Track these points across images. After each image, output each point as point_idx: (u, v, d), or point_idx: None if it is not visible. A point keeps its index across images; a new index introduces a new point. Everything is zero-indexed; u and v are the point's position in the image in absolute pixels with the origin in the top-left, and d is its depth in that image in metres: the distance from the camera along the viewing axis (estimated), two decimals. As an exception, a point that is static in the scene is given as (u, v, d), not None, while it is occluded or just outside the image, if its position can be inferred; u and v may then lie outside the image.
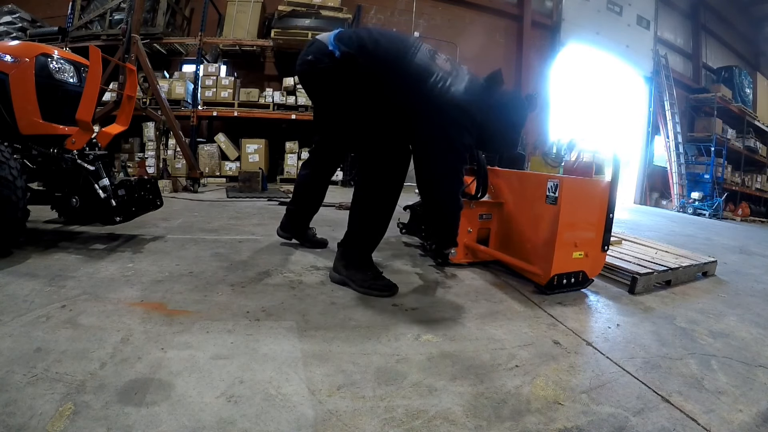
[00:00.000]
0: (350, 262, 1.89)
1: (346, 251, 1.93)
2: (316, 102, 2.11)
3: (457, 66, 1.90)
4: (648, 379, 1.28)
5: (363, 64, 1.75)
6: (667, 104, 10.43)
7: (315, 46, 1.85)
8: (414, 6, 8.36)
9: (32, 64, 2.08)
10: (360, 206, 1.92)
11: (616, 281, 2.32)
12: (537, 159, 7.53)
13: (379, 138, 1.87)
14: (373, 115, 1.85)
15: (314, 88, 1.98)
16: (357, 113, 1.86)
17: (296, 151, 6.99)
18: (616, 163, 2.07)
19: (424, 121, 1.79)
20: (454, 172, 1.87)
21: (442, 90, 1.76)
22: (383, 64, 1.77)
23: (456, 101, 1.77)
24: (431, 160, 1.84)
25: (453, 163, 1.86)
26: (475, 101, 1.82)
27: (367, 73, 1.77)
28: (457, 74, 1.85)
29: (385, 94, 1.81)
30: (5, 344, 1.18)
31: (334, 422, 0.97)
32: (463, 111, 1.78)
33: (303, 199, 2.47)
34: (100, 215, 2.24)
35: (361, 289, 1.82)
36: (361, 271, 1.87)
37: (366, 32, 1.86)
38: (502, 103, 1.90)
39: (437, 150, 1.82)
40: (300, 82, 2.06)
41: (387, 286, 1.84)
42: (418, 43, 1.85)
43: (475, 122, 1.82)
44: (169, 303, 1.57)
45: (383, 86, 1.79)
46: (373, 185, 1.87)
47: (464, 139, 1.82)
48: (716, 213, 9.11)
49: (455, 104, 1.76)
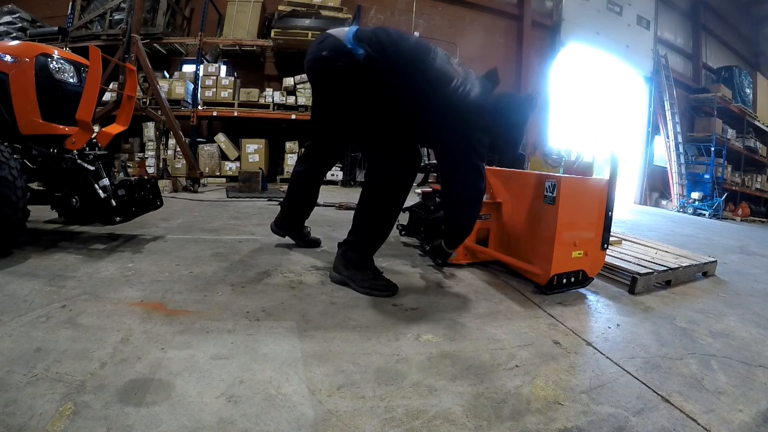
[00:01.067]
0: (351, 262, 1.90)
1: (347, 252, 1.92)
2: (324, 99, 2.08)
3: (466, 69, 1.92)
4: (648, 379, 1.28)
5: (382, 68, 1.74)
6: (667, 104, 10.42)
7: (329, 43, 1.81)
8: (414, 6, 8.36)
9: (32, 64, 2.08)
10: (366, 208, 1.92)
11: (616, 281, 2.32)
12: (537, 159, 7.54)
13: (388, 141, 1.88)
14: (385, 118, 1.86)
15: (326, 86, 1.94)
16: (368, 115, 1.86)
17: (296, 151, 6.99)
18: (614, 162, 2.07)
19: (446, 125, 1.80)
20: (477, 172, 1.88)
21: (462, 95, 1.77)
22: (403, 67, 1.76)
23: (474, 105, 1.80)
24: (455, 161, 1.86)
25: (476, 163, 1.87)
26: (488, 104, 1.85)
27: (385, 77, 1.76)
28: (470, 78, 1.86)
29: (403, 97, 1.80)
30: (5, 344, 1.18)
31: (334, 422, 0.97)
32: (481, 114, 1.81)
33: (300, 196, 2.43)
34: (100, 215, 2.25)
35: (362, 289, 1.83)
36: (362, 272, 1.88)
37: (384, 33, 1.82)
38: (506, 104, 1.91)
39: (460, 152, 1.84)
40: (309, 78, 2.01)
41: (387, 286, 1.85)
42: (434, 47, 1.85)
43: (488, 124, 1.85)
44: (169, 303, 1.57)
45: (401, 89, 1.79)
46: (381, 188, 1.87)
47: (484, 140, 1.86)
48: (716, 213, 9.10)
49: (474, 108, 1.79)
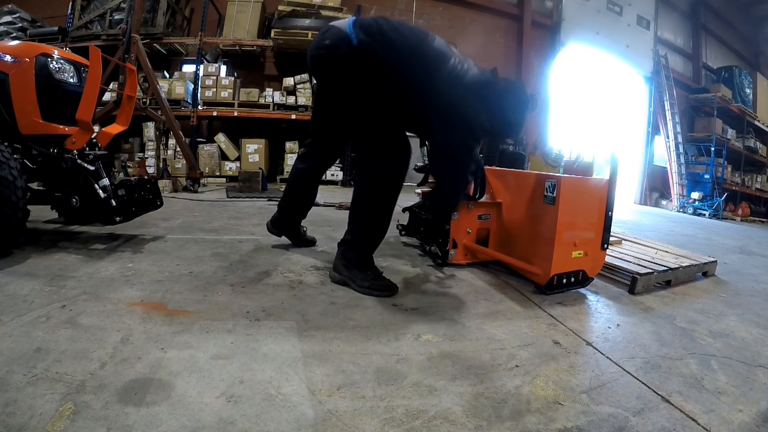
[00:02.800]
0: (350, 262, 1.90)
1: (346, 251, 1.93)
2: (325, 89, 2.13)
3: (464, 57, 1.97)
4: (648, 379, 1.28)
5: (382, 52, 1.78)
6: (667, 104, 10.42)
7: (331, 32, 1.86)
8: (414, 6, 8.36)
9: (32, 64, 2.08)
10: (360, 206, 1.93)
11: (616, 281, 2.32)
12: (537, 159, 7.54)
13: (384, 138, 1.90)
14: (381, 110, 1.89)
15: (327, 74, 1.97)
16: (365, 105, 1.88)
17: (296, 151, 7.00)
18: (614, 162, 2.07)
19: (445, 108, 1.83)
20: (467, 151, 1.96)
21: (461, 72, 1.83)
22: (405, 49, 1.81)
23: (474, 83, 1.85)
24: (449, 135, 1.89)
25: (470, 143, 1.95)
26: (487, 82, 1.89)
27: (385, 61, 1.79)
28: (468, 61, 1.93)
29: (403, 83, 1.84)
30: (5, 344, 1.18)
31: (334, 422, 0.97)
32: (479, 94, 1.85)
33: (298, 195, 2.41)
34: (100, 215, 2.24)
35: (362, 289, 1.83)
36: (362, 271, 1.88)
37: (384, 20, 1.88)
38: (506, 84, 1.95)
39: (455, 128, 1.86)
40: (312, 69, 2.03)
41: (387, 286, 1.85)
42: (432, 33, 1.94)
43: (488, 104, 1.87)
44: (169, 303, 1.57)
45: (402, 72, 1.82)
46: (374, 184, 1.88)
47: (480, 119, 1.88)
48: (716, 213, 9.10)
49: (473, 86, 1.84)
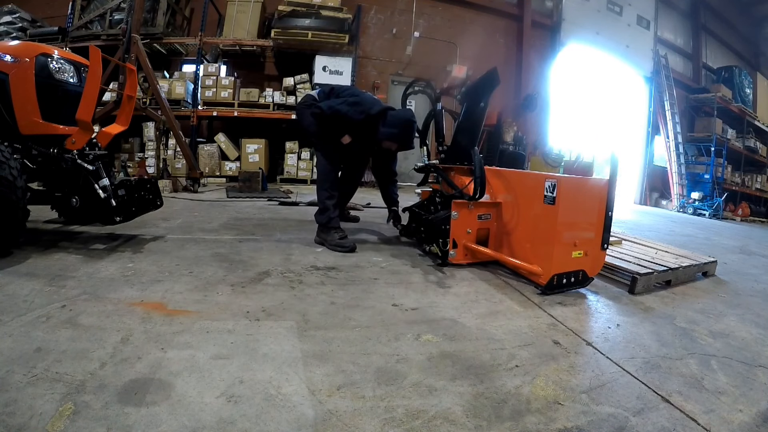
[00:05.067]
0: (322, 227, 2.69)
1: (317, 217, 2.73)
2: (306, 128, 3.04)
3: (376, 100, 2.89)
4: (648, 379, 1.28)
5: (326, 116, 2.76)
6: (667, 104, 10.42)
7: (307, 97, 2.92)
8: (414, 6, 8.35)
9: (32, 64, 2.08)
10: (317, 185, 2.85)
11: (616, 281, 2.32)
12: (537, 159, 7.54)
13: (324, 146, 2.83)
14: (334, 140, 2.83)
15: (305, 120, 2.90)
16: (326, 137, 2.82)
17: (296, 151, 7.00)
18: (614, 162, 2.07)
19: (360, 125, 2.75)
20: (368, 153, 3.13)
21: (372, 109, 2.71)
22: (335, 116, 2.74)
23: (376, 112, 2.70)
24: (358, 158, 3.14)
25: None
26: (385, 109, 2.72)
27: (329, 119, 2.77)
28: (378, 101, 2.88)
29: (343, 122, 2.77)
30: (5, 344, 1.18)
31: (334, 422, 0.97)
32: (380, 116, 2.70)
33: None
34: (100, 215, 2.25)
35: (332, 246, 2.57)
36: (330, 234, 2.63)
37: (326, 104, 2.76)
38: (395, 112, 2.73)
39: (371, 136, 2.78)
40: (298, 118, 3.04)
41: (348, 245, 2.54)
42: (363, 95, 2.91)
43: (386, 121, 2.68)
44: (169, 303, 1.57)
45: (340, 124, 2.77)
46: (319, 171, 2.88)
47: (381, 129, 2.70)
48: (716, 213, 9.10)
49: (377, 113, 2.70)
